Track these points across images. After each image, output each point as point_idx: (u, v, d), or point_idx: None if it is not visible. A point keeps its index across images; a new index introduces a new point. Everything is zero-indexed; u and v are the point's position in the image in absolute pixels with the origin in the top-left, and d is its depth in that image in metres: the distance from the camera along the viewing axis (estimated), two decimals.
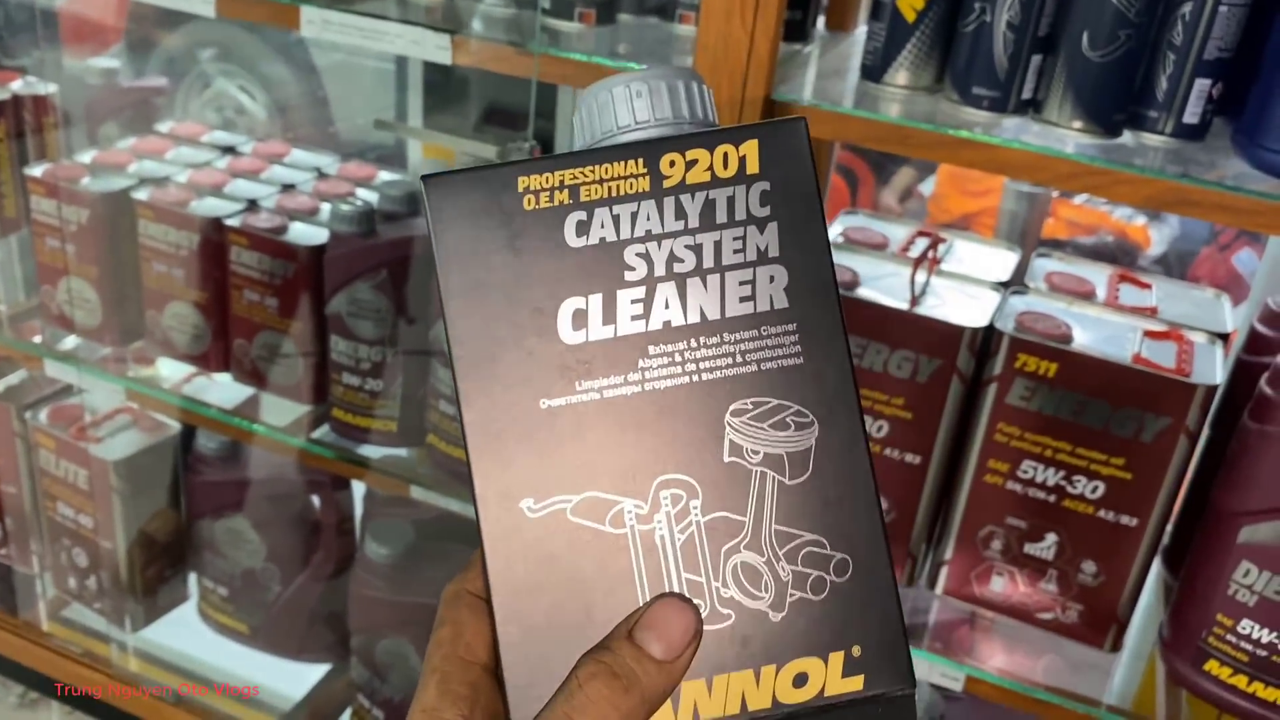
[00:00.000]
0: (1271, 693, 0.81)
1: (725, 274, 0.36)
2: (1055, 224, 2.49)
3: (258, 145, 1.31)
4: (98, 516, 1.32)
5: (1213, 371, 0.84)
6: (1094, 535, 0.87)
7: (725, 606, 0.35)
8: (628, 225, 0.36)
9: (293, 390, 1.16)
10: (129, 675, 1.41)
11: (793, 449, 0.35)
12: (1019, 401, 0.86)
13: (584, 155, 0.36)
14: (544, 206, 0.36)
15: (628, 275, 0.36)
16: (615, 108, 0.37)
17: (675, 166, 0.36)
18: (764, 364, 0.36)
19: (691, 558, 0.35)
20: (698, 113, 0.37)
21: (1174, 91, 0.75)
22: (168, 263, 1.16)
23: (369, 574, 1.20)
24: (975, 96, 0.79)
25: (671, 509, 0.35)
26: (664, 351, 0.36)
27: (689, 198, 0.36)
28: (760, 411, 0.35)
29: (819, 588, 0.35)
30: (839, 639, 0.35)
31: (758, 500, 0.35)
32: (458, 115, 1.80)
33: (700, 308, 0.36)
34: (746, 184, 0.36)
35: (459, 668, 0.35)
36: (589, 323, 0.35)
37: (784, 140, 0.36)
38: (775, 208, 0.36)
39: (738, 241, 0.36)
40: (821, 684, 0.35)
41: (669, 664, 0.33)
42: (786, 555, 0.35)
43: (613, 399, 0.35)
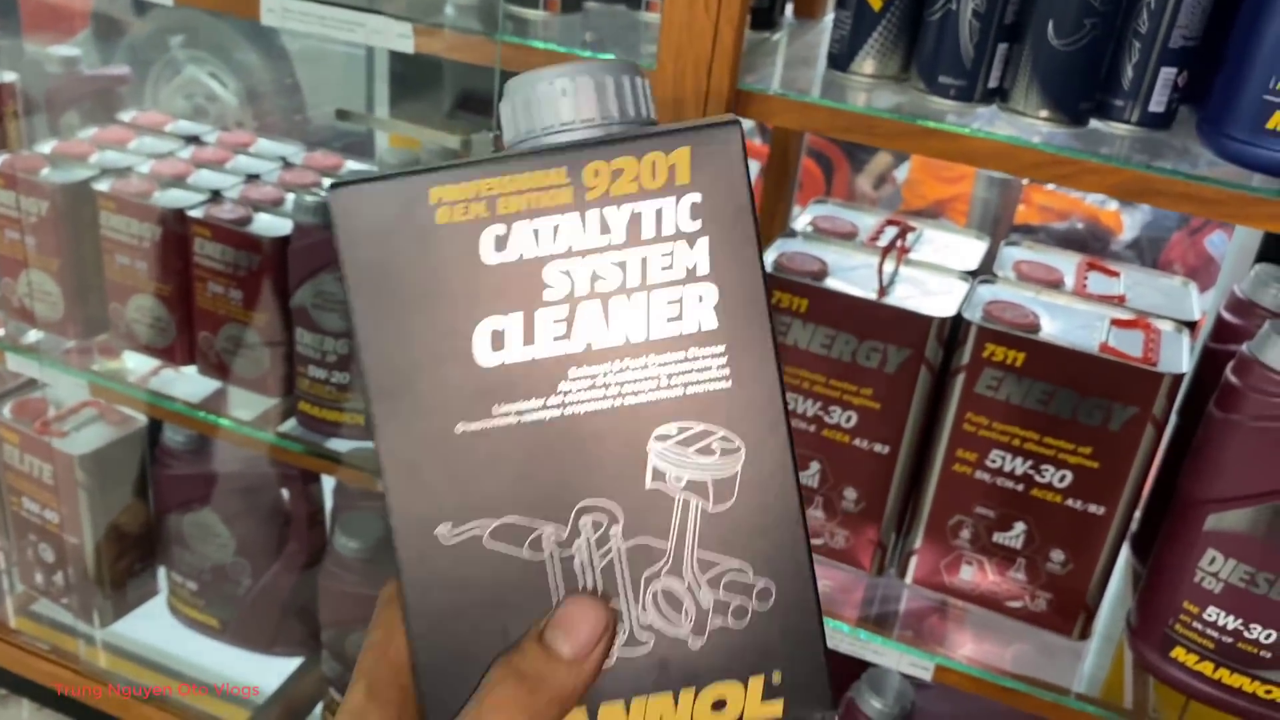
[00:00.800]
0: (1237, 679, 0.82)
1: (651, 293, 0.34)
2: (1028, 210, 2.50)
3: (222, 135, 1.29)
4: (63, 511, 1.31)
5: (1179, 360, 0.84)
6: (1062, 524, 0.87)
7: (644, 632, 0.35)
8: (549, 240, 0.34)
9: (259, 383, 1.15)
10: (98, 671, 1.40)
11: (718, 475, 0.34)
12: (987, 391, 0.85)
13: (501, 163, 0.34)
14: (459, 220, 0.33)
15: (548, 294, 0.34)
16: (539, 106, 0.35)
17: (599, 177, 0.34)
18: (690, 387, 0.34)
19: (611, 583, 0.35)
20: (629, 110, 0.35)
21: (1140, 80, 0.75)
22: (130, 255, 1.15)
23: (339, 567, 1.19)
24: (942, 85, 0.78)
25: (591, 535, 0.34)
26: (586, 374, 0.34)
27: (614, 210, 0.34)
28: (685, 437, 0.34)
29: (740, 614, 0.35)
30: (759, 664, 0.35)
31: (680, 527, 0.34)
32: (430, 102, 1.78)
33: (624, 328, 0.34)
34: (676, 195, 0.34)
35: (389, 671, 0.35)
36: (507, 344, 0.34)
37: (717, 147, 0.34)
38: (706, 221, 0.34)
39: (666, 258, 0.34)
40: (740, 709, 0.35)
41: (578, 663, 0.33)
42: (709, 582, 0.35)
43: (532, 423, 0.34)
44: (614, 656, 0.35)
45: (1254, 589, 0.78)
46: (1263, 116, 0.68)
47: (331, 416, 1.11)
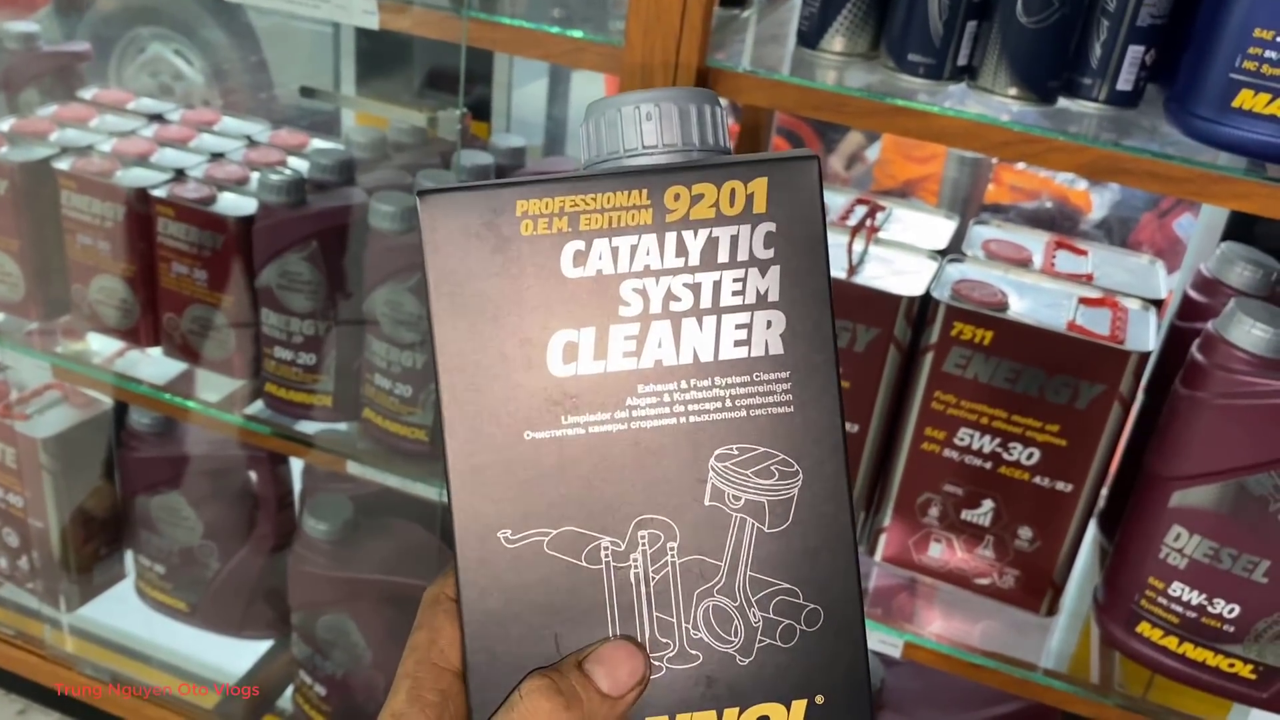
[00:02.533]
0: (1201, 653, 0.82)
1: (722, 316, 0.35)
2: (998, 189, 2.51)
3: (186, 113, 1.27)
4: (27, 495, 1.29)
5: (1146, 338, 0.85)
6: (1030, 501, 0.88)
7: (694, 648, 0.35)
8: (626, 258, 0.35)
9: (225, 365, 1.14)
10: (64, 655, 1.39)
11: (775, 498, 0.35)
12: (955, 369, 0.86)
13: (586, 181, 0.34)
14: (541, 233, 0.35)
15: (622, 310, 0.35)
16: (623, 128, 0.36)
17: (680, 200, 0.35)
18: (753, 410, 0.35)
19: (664, 597, 0.35)
20: (708, 139, 0.36)
21: (1108, 58, 0.75)
22: (92, 235, 1.13)
23: (308, 550, 1.19)
24: (911, 64, 0.78)
25: (648, 548, 0.35)
26: (653, 391, 0.35)
27: (691, 234, 0.35)
28: (745, 458, 0.35)
29: (789, 636, 0.35)
30: (804, 687, 0.35)
31: (735, 546, 0.35)
32: (397, 79, 1.77)
33: (694, 349, 0.35)
34: (752, 224, 0.35)
35: (431, 674, 0.36)
36: (579, 356, 0.35)
37: (795, 180, 0.35)
38: (779, 250, 0.35)
39: (738, 283, 0.35)
40: None
41: (612, 699, 0.34)
42: (759, 602, 0.35)
43: (598, 435, 0.35)
44: (663, 669, 0.35)
45: (1218, 564, 0.79)
46: (1228, 95, 0.69)
47: (299, 398, 1.10)
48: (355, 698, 1.24)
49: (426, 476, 1.06)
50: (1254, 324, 0.76)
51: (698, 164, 0.35)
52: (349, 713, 1.25)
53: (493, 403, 0.35)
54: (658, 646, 0.36)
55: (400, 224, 0.98)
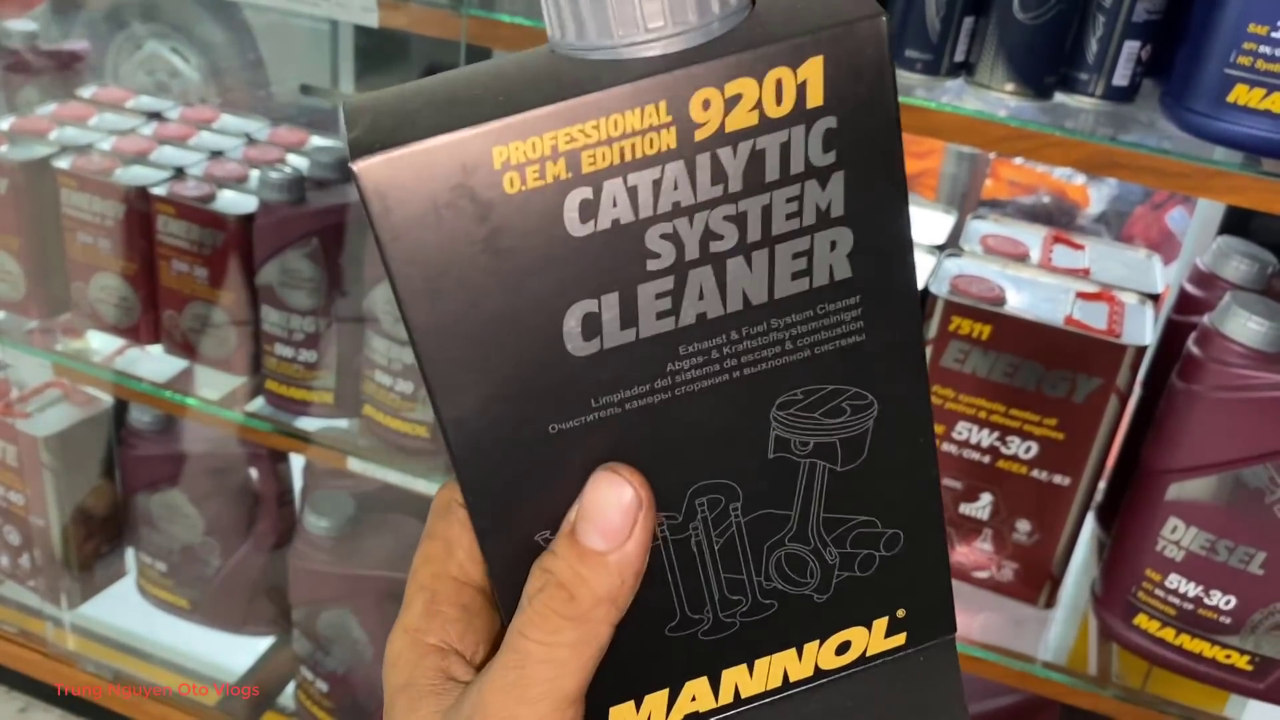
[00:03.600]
0: (1198, 644, 0.83)
1: (775, 246, 0.27)
2: (996, 184, 2.51)
3: (185, 111, 1.27)
4: (28, 493, 1.30)
5: (1143, 332, 0.85)
6: (1028, 495, 0.88)
7: (768, 598, 0.31)
8: (649, 199, 0.27)
9: (226, 362, 1.14)
10: (66, 653, 1.39)
11: (847, 435, 0.30)
12: (953, 364, 0.86)
13: (580, 104, 0.26)
14: (533, 186, 0.26)
15: (651, 264, 0.27)
16: (611, 5, 0.26)
17: (711, 109, 0.26)
18: (819, 348, 0.29)
19: (731, 558, 0.31)
20: (733, 2, 0.26)
21: (1104, 54, 0.75)
22: (93, 233, 1.13)
23: (309, 546, 1.19)
24: (908, 59, 0.78)
25: (709, 514, 0.30)
26: (698, 350, 0.28)
27: (729, 152, 0.26)
28: (812, 400, 0.29)
29: (868, 565, 0.32)
30: (885, 605, 0.32)
31: (804, 492, 0.30)
32: (397, 76, 1.77)
33: (743, 292, 0.28)
34: (806, 123, 0.26)
35: (450, 587, 0.32)
36: (603, 329, 0.28)
37: (859, 51, 0.26)
38: (843, 152, 0.27)
39: (792, 204, 0.27)
40: (864, 647, 0.33)
41: (615, 553, 0.28)
42: (834, 540, 0.31)
43: (636, 410, 0.28)
44: (737, 624, 0.31)
45: (1214, 556, 0.80)
46: (1224, 90, 0.69)
47: (299, 395, 1.10)
48: (357, 694, 1.24)
49: (427, 472, 1.07)
50: (1250, 318, 0.76)
51: (723, 46, 0.26)
52: (351, 709, 1.26)
53: (503, 404, 0.28)
54: (728, 605, 0.31)
55: None
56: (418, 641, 0.31)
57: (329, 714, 1.28)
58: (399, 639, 0.32)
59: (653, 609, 0.31)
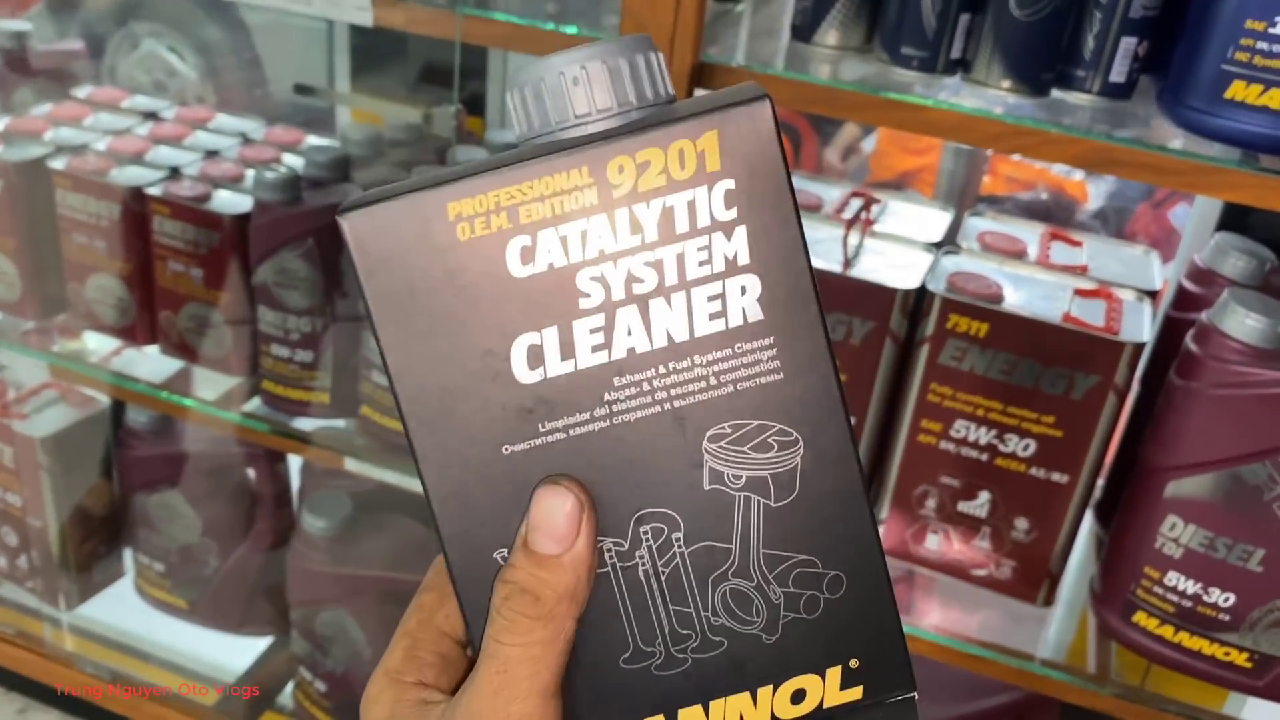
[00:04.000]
0: (1196, 641, 0.83)
1: (691, 290, 0.32)
2: (994, 180, 2.51)
3: (180, 110, 1.27)
4: (26, 495, 1.29)
5: (1140, 329, 0.85)
6: (1026, 492, 0.88)
7: (717, 634, 0.34)
8: (578, 246, 0.32)
9: (222, 362, 1.14)
10: (64, 654, 1.39)
11: (777, 470, 0.33)
12: (951, 362, 0.86)
13: (518, 169, 0.31)
14: (481, 234, 0.32)
15: (583, 303, 0.32)
16: (549, 99, 0.32)
17: (625, 173, 0.31)
18: (740, 384, 0.33)
19: (678, 589, 0.34)
20: (646, 93, 0.32)
21: (1101, 50, 0.75)
22: (88, 234, 1.13)
23: (307, 546, 1.19)
24: (904, 57, 0.78)
25: (653, 543, 0.33)
26: (631, 382, 0.33)
27: (644, 207, 0.32)
28: (740, 435, 0.33)
29: (812, 607, 0.34)
30: (836, 653, 0.34)
31: (743, 526, 0.33)
32: (392, 75, 1.76)
33: (666, 330, 0.32)
34: (708, 184, 0.32)
35: (431, 636, 0.35)
36: (545, 359, 0.32)
37: (747, 126, 0.31)
38: (742, 208, 0.32)
39: (703, 252, 0.32)
40: (820, 698, 0.34)
41: (568, 555, 0.32)
42: (777, 578, 0.34)
43: (579, 437, 0.33)
44: (688, 660, 0.34)
45: (1213, 554, 0.80)
46: (1221, 86, 0.69)
47: (296, 395, 1.10)
48: (356, 694, 1.24)
49: None
50: (1248, 314, 0.76)
51: (637, 126, 0.31)
52: (350, 709, 1.25)
53: (463, 424, 0.33)
54: (679, 639, 0.34)
55: None
56: (396, 681, 0.34)
57: (327, 714, 1.27)
58: (379, 679, 0.35)
59: (607, 639, 0.34)
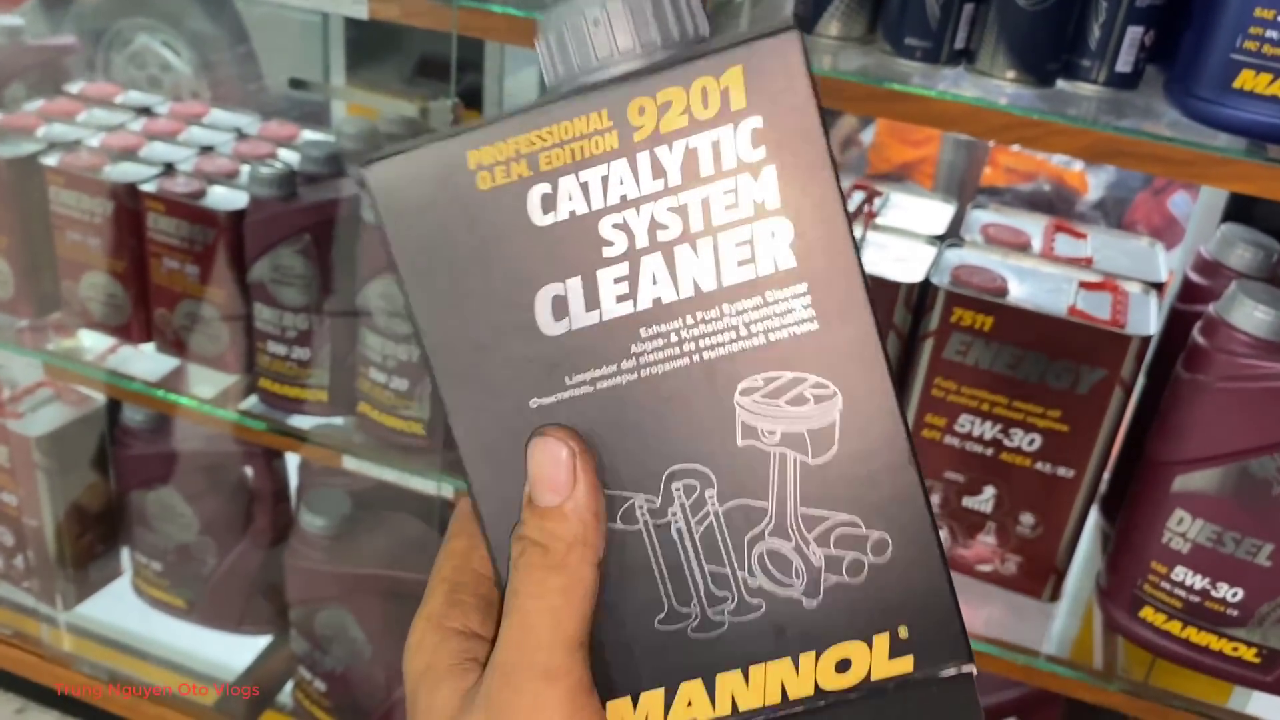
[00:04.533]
0: (1204, 637, 0.82)
1: (719, 235, 0.31)
2: (994, 172, 2.50)
3: (174, 106, 1.26)
4: (21, 494, 1.28)
5: (1146, 322, 0.84)
6: (1031, 487, 0.88)
7: (754, 596, 0.32)
8: (599, 192, 0.31)
9: (219, 360, 1.13)
10: (62, 654, 1.38)
11: (814, 425, 0.31)
12: (955, 356, 0.85)
13: (537, 113, 0.30)
14: (501, 183, 0.31)
15: (606, 251, 0.31)
16: (573, 43, 0.31)
17: (645, 114, 0.30)
18: (773, 334, 0.31)
19: (713, 549, 0.32)
20: (673, 32, 0.31)
21: (1106, 40, 0.74)
22: (82, 231, 1.12)
23: (305, 545, 1.18)
24: (908, 47, 0.77)
25: (686, 500, 0.32)
26: (658, 333, 0.31)
27: (666, 150, 0.30)
28: (774, 387, 0.31)
29: (856, 570, 0.32)
30: (883, 620, 0.32)
31: (779, 483, 0.32)
32: (388, 68, 1.75)
33: (693, 278, 0.31)
34: (733, 123, 0.30)
35: (471, 579, 0.34)
36: (570, 310, 0.31)
37: (775, 61, 0.30)
38: (771, 148, 0.30)
39: (730, 195, 0.31)
40: (867, 668, 0.32)
41: (569, 503, 0.31)
42: (817, 538, 0.32)
43: (607, 390, 0.32)
44: (725, 623, 0.33)
45: (1221, 548, 0.79)
46: (1229, 76, 0.68)
47: (293, 393, 1.09)
48: (355, 693, 1.23)
49: (423, 470, 1.05)
50: (1255, 306, 0.75)
51: (658, 65, 0.30)
52: (350, 708, 1.25)
53: (491, 377, 0.32)
54: (715, 601, 0.33)
55: None
56: (439, 626, 0.33)
57: (327, 713, 1.27)
58: (420, 626, 0.34)
59: (641, 598, 0.33)
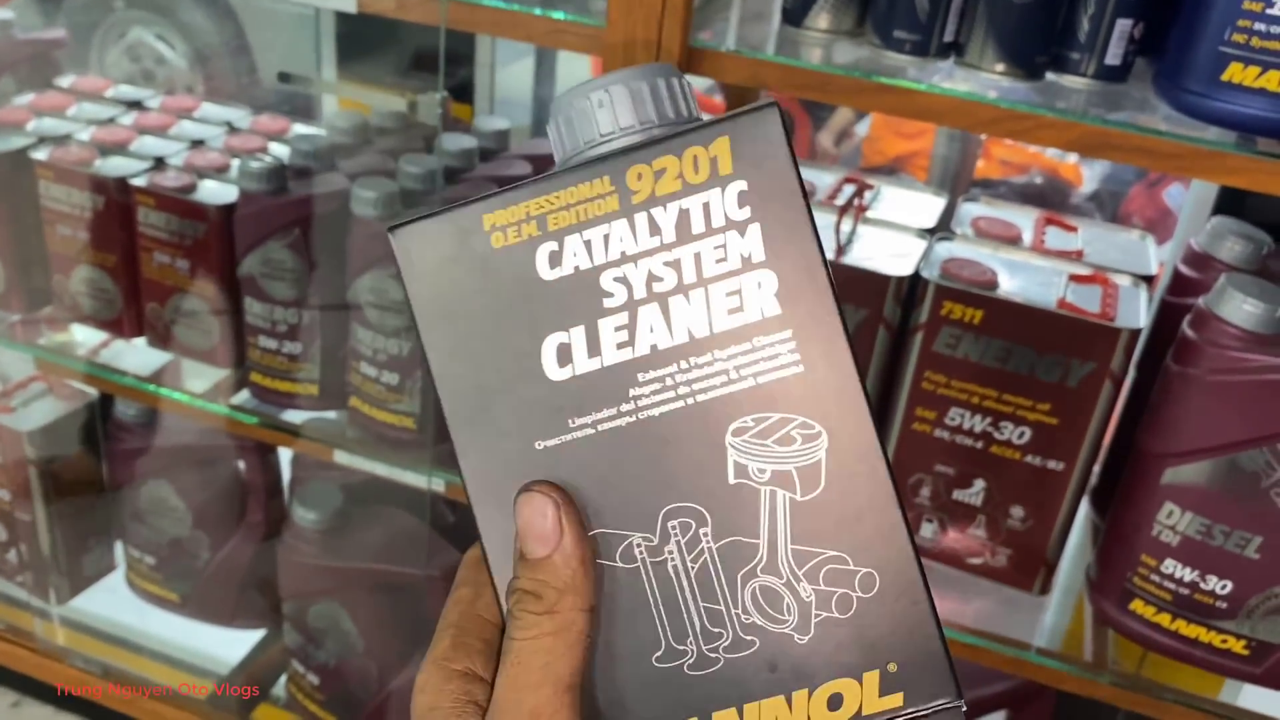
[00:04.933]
0: (1193, 629, 0.82)
1: (709, 287, 0.34)
2: (988, 164, 2.50)
3: (165, 100, 1.25)
4: (14, 488, 1.28)
5: (1136, 315, 0.84)
6: (1021, 480, 0.88)
7: (748, 633, 0.34)
8: (600, 249, 0.34)
9: (210, 354, 1.12)
10: (56, 648, 1.38)
11: (801, 463, 0.34)
12: (945, 349, 0.85)
13: (547, 181, 0.34)
14: (513, 242, 0.34)
15: (607, 302, 0.34)
16: (579, 121, 0.35)
17: (643, 180, 0.34)
18: (761, 377, 0.34)
19: (707, 586, 0.34)
20: (668, 112, 0.35)
21: (1096, 33, 0.74)
22: (72, 225, 1.11)
23: (298, 539, 1.18)
24: (897, 40, 0.77)
25: (681, 538, 0.34)
26: (654, 377, 0.34)
27: (661, 210, 0.34)
28: (763, 428, 0.34)
29: (845, 606, 0.34)
30: (873, 657, 0.34)
31: (770, 521, 0.34)
32: (382, 61, 1.75)
33: (687, 326, 0.34)
34: (721, 186, 0.34)
35: (475, 624, 0.36)
36: (574, 357, 0.34)
37: (757, 132, 0.34)
38: (756, 208, 0.33)
39: (719, 250, 0.34)
40: (858, 704, 0.34)
41: (557, 553, 0.34)
42: (807, 575, 0.34)
43: (607, 432, 0.34)
44: (721, 660, 0.34)
45: (1210, 541, 0.79)
46: (1218, 69, 0.68)
47: (284, 387, 1.09)
48: (348, 686, 1.23)
49: (415, 464, 1.05)
50: (1245, 299, 0.75)
51: (654, 139, 0.34)
52: (342, 701, 1.25)
53: (500, 421, 0.35)
54: (710, 638, 0.34)
55: (383, 210, 0.97)
56: (444, 668, 0.35)
57: (320, 706, 1.27)
58: (427, 668, 0.36)
59: (639, 637, 0.35)
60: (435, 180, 1.01)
